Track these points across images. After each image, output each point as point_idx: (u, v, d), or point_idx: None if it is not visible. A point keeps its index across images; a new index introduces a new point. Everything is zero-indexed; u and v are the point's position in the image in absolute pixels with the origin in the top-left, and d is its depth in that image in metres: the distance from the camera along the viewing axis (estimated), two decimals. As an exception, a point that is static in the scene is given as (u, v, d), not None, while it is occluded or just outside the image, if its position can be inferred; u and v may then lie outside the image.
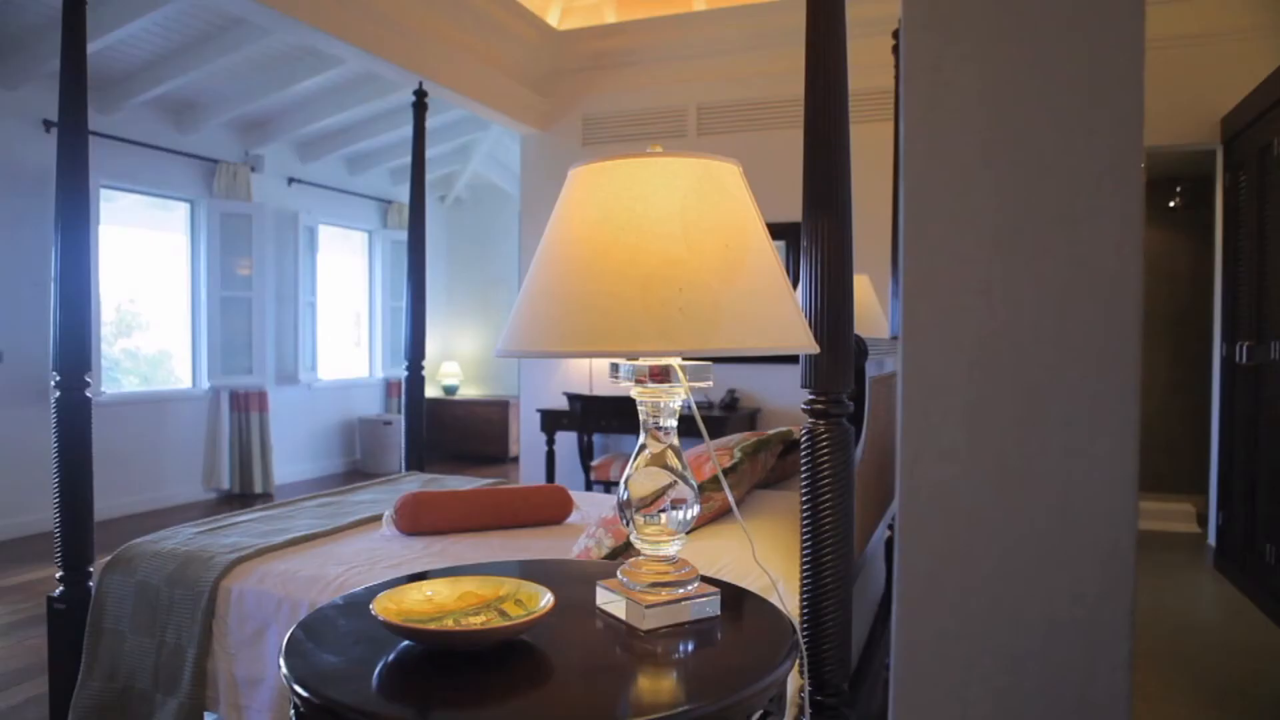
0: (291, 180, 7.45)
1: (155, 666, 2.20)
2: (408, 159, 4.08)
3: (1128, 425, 0.98)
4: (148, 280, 6.60)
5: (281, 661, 1.11)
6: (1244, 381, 4.35)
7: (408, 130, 4.07)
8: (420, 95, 3.95)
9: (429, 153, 7.68)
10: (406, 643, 1.15)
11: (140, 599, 2.26)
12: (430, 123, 6.23)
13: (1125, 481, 0.97)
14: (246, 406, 6.85)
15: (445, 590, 1.25)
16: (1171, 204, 6.37)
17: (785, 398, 5.53)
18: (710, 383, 1.18)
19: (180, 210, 6.64)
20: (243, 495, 6.76)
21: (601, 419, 5.43)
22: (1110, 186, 0.97)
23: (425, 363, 3.95)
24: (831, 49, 1.59)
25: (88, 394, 2.43)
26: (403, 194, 8.62)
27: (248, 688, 2.12)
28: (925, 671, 1.07)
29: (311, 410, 7.83)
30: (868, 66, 2.76)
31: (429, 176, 8.69)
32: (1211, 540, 4.87)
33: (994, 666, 1.04)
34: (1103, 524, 0.99)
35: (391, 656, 1.12)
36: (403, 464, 3.90)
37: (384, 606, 1.15)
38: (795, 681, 1.66)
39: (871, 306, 3.86)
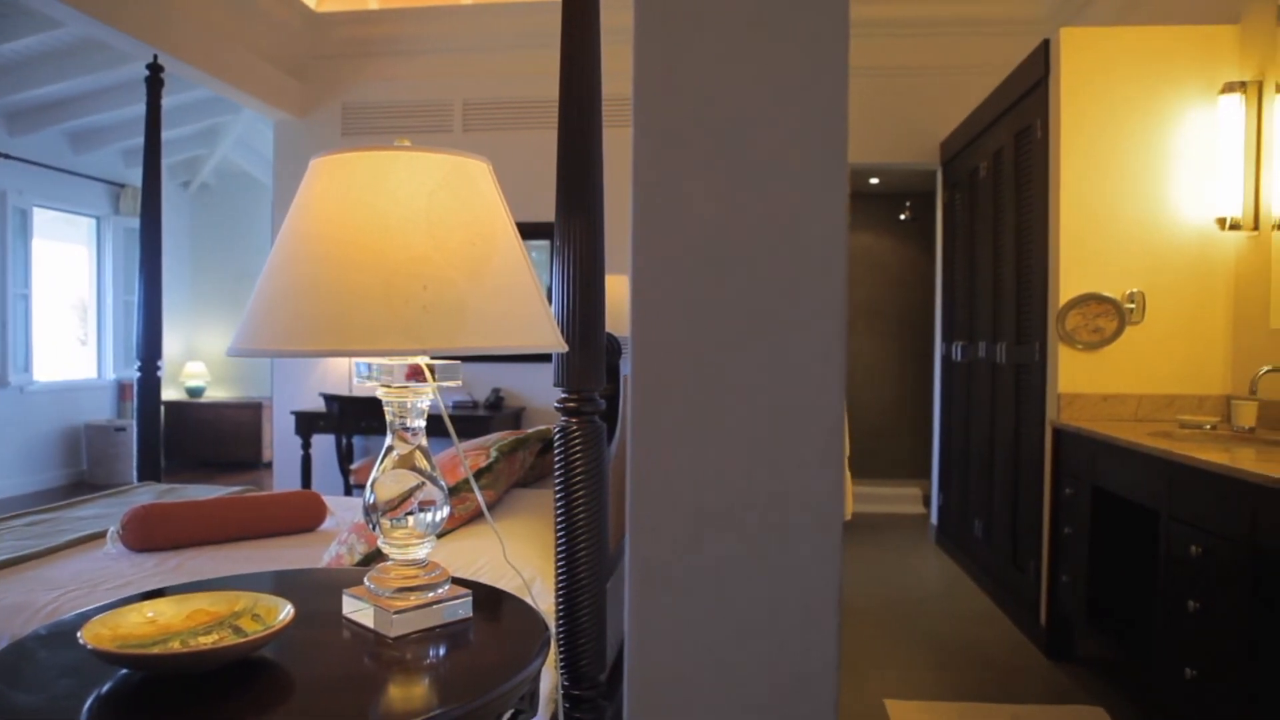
0: (-1, 155, 6.56)
1: None
2: (143, 139, 3.71)
3: (834, 414, 1.07)
4: None
5: (-37, 705, 0.98)
6: (959, 376, 4.90)
7: (143, 107, 3.69)
8: (155, 70, 3.61)
9: (171, 134, 7.03)
10: (125, 671, 1.05)
11: None
12: (171, 101, 5.70)
13: (832, 467, 1.07)
14: (-59, 413, 5.96)
15: (171, 610, 1.15)
16: (902, 216, 7.06)
17: (550, 396, 5.52)
18: (459, 382, 1.17)
19: None
20: (-64, 515, 5.87)
21: (361, 420, 5.21)
22: (819, 194, 1.07)
23: (166, 362, 3.62)
24: (585, 54, 1.62)
25: None
26: (137, 177, 7.82)
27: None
28: (655, 656, 1.12)
29: (25, 416, 6.92)
30: (624, 73, 2.83)
31: (172, 160, 7.97)
32: (934, 519, 5.44)
33: (719, 645, 1.11)
34: (814, 507, 1.08)
35: (106, 689, 1.02)
36: (134, 474, 3.55)
37: (95, 633, 1.04)
38: (553, 678, 1.68)
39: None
